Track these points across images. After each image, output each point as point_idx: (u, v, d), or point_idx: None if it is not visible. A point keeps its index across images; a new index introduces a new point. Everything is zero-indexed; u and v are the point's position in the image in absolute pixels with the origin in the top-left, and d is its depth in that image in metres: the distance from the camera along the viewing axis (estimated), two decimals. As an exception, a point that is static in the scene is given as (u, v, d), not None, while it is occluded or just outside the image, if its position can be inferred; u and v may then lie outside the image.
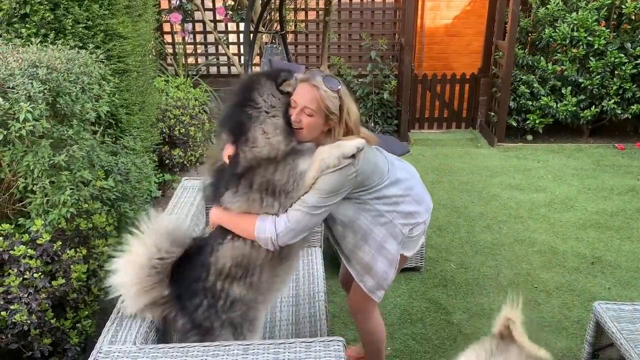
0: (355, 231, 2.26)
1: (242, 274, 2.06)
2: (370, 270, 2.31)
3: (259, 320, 2.19)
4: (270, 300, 2.25)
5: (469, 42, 7.60)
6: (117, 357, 1.83)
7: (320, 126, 2.06)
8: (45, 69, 2.40)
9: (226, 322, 2.07)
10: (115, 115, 3.37)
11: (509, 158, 6.10)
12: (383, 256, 2.28)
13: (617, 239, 4.31)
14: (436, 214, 4.72)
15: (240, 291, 2.06)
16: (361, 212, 2.23)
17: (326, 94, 2.01)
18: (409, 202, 2.29)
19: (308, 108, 2.01)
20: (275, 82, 2.03)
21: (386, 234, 2.26)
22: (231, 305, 2.06)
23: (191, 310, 2.05)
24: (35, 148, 2.34)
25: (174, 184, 4.71)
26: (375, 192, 2.21)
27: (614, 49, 6.07)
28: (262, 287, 2.11)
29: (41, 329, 2.23)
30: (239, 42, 7.05)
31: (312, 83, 2.02)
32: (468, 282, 3.75)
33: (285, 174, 1.99)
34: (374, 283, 2.33)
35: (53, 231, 2.39)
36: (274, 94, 2.02)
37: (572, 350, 3.08)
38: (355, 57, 7.08)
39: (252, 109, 1.99)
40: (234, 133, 2.02)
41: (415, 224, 2.31)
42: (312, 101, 2.00)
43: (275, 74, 2.07)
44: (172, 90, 5.53)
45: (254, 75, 2.13)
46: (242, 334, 2.10)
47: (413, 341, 3.17)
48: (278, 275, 2.15)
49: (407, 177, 2.33)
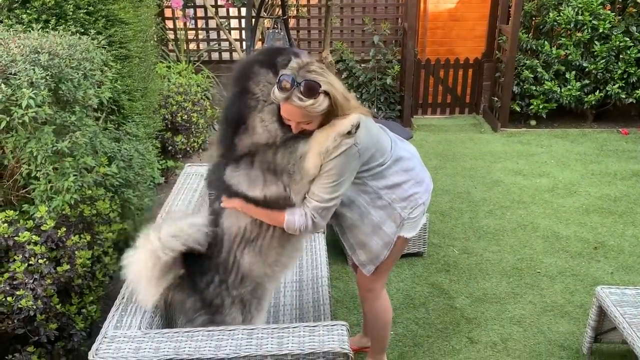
0: (353, 211, 2.27)
1: (255, 235, 2.10)
2: (364, 247, 2.35)
3: (266, 300, 2.25)
4: (277, 278, 2.27)
5: (473, 27, 7.52)
6: (122, 341, 1.85)
7: (320, 121, 2.03)
8: (47, 55, 2.39)
9: (236, 299, 2.13)
10: (118, 102, 3.36)
11: (512, 143, 6.08)
12: (379, 237, 2.30)
13: (621, 224, 4.30)
14: (439, 199, 4.72)
15: (250, 260, 2.10)
16: (360, 193, 2.24)
17: (313, 105, 1.93)
18: (409, 184, 2.29)
19: (303, 121, 1.99)
20: (273, 71, 2.00)
21: (384, 216, 2.27)
22: (241, 281, 2.11)
23: (202, 287, 2.10)
24: (38, 134, 2.34)
25: (177, 170, 4.71)
26: (377, 173, 2.21)
27: (619, 32, 6.01)
28: (270, 257, 2.14)
29: (47, 314, 2.25)
30: (240, 27, 7.00)
31: (294, 105, 1.93)
32: (471, 267, 3.76)
33: (286, 157, 2.02)
34: (366, 258, 2.37)
35: (57, 217, 2.40)
36: (269, 81, 2.00)
37: (574, 335, 3.09)
38: (358, 42, 7.03)
39: (250, 99, 2.00)
40: (234, 123, 2.03)
41: (416, 205, 2.31)
42: (304, 116, 1.97)
43: (270, 61, 2.03)
44: (174, 76, 5.50)
45: (247, 64, 2.08)
46: (249, 312, 2.15)
47: (416, 326, 3.18)
48: (286, 247, 2.17)
49: (409, 157, 2.33)
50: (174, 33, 6.80)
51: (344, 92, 2.05)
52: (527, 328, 3.16)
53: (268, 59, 2.04)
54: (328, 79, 1.98)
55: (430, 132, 6.53)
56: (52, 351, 2.34)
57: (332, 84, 1.98)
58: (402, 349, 3.00)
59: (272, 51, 2.13)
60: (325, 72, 2.00)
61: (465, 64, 6.85)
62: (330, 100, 1.97)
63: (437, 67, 6.86)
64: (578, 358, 2.93)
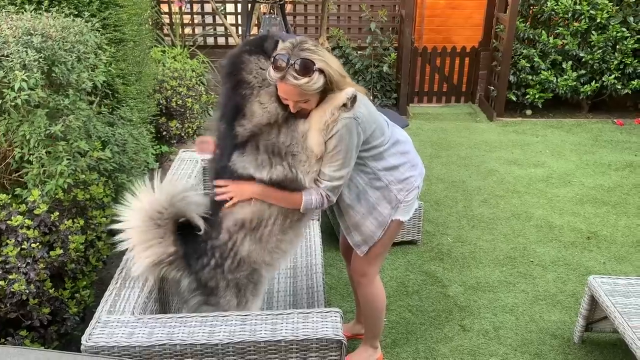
0: (351, 190, 2.29)
1: (256, 224, 2.11)
2: (359, 228, 2.37)
3: (263, 285, 2.24)
4: (275, 265, 2.27)
5: (470, 15, 7.49)
6: (116, 326, 1.85)
7: (317, 99, 2.05)
8: (40, 37, 2.35)
9: (232, 283, 2.13)
10: (112, 86, 3.33)
11: (507, 133, 6.09)
12: (374, 217, 2.33)
13: (614, 214, 4.32)
14: (434, 187, 4.73)
15: (249, 247, 2.10)
16: (359, 173, 2.26)
17: (308, 84, 1.95)
18: (406, 168, 2.34)
19: (300, 100, 2.01)
20: (263, 56, 2.01)
21: (380, 196, 2.31)
22: (238, 265, 2.11)
23: (197, 269, 2.10)
24: (31, 118, 2.31)
25: (172, 155, 4.69)
26: (377, 154, 2.23)
27: (617, 23, 6.00)
28: (270, 243, 2.14)
29: (40, 298, 2.24)
30: (236, 12, 6.93)
31: (289, 84, 1.94)
32: (464, 256, 3.77)
33: (289, 136, 2.04)
34: (360, 239, 2.40)
35: (50, 202, 2.38)
36: (262, 66, 2.01)
37: (566, 324, 3.12)
38: (354, 28, 6.98)
39: (245, 89, 2.01)
40: (232, 115, 2.04)
41: (411, 188, 2.35)
42: (301, 95, 1.99)
43: (257, 47, 2.04)
44: (169, 61, 5.46)
45: (235, 56, 2.07)
46: (244, 296, 2.14)
47: (409, 313, 3.20)
48: (287, 234, 2.18)
49: (404, 140, 2.39)
50: (170, 17, 6.72)
51: (340, 69, 2.06)
52: (519, 316, 3.18)
53: (255, 46, 2.06)
54: (322, 57, 1.99)
55: (426, 120, 6.52)
56: (44, 335, 2.33)
57: (326, 62, 1.99)
58: (395, 336, 3.01)
59: (256, 39, 2.14)
60: (319, 49, 2.01)
61: (462, 53, 6.83)
62: (326, 77, 1.98)
63: (434, 55, 6.83)
64: (569, 346, 2.95)
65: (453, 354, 2.89)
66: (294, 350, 1.81)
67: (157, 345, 1.78)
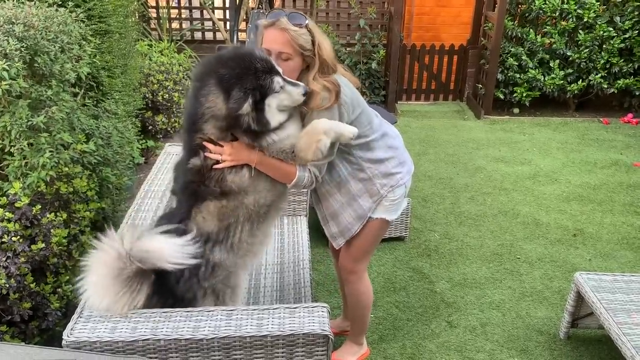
0: (332, 177, 2.27)
1: (224, 237, 2.01)
2: (336, 218, 2.35)
3: (240, 288, 2.16)
4: (249, 266, 2.22)
5: (458, 13, 7.50)
6: (98, 321, 1.81)
7: (299, 66, 2.05)
8: (22, 26, 2.31)
9: (208, 290, 2.04)
10: (97, 78, 3.28)
11: (495, 131, 6.11)
12: (353, 209, 2.31)
13: (599, 212, 4.35)
14: (421, 184, 4.72)
15: (220, 256, 2.02)
16: (342, 161, 2.24)
17: (296, 32, 1.98)
18: (393, 163, 2.31)
19: (284, 53, 1.99)
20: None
21: (362, 189, 2.28)
22: (212, 271, 2.02)
23: (172, 283, 1.98)
24: (12, 108, 2.26)
25: (157, 150, 4.64)
26: (364, 144, 2.21)
27: (603, 22, 6.04)
28: (241, 249, 2.07)
29: (20, 293, 2.19)
30: (224, 6, 6.89)
31: (279, 27, 1.98)
32: (452, 252, 3.77)
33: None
34: (337, 230, 2.38)
35: (32, 194, 2.34)
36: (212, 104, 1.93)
37: (552, 320, 3.13)
38: (343, 25, 6.96)
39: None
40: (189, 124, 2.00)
41: (396, 185, 2.32)
42: (286, 44, 1.98)
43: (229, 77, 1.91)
44: (156, 54, 5.40)
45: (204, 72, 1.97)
46: (224, 302, 2.07)
47: (396, 309, 3.19)
48: (257, 236, 2.11)
49: (394, 136, 2.37)
50: (157, 11, 6.65)
51: (330, 49, 2.08)
52: (506, 313, 3.18)
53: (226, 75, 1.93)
54: (315, 28, 2.05)
55: (413, 118, 6.52)
56: (25, 330, 2.28)
57: (317, 29, 2.05)
58: (382, 332, 3.00)
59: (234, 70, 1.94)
60: (315, 25, 2.06)
61: (450, 51, 6.83)
62: (312, 40, 2.01)
63: (422, 52, 6.83)
64: (555, 342, 2.96)
65: (440, 350, 2.89)
66: (280, 346, 1.79)
67: (140, 340, 1.74)
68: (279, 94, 1.93)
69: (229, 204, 2.00)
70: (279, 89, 1.92)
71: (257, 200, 2.04)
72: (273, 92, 1.92)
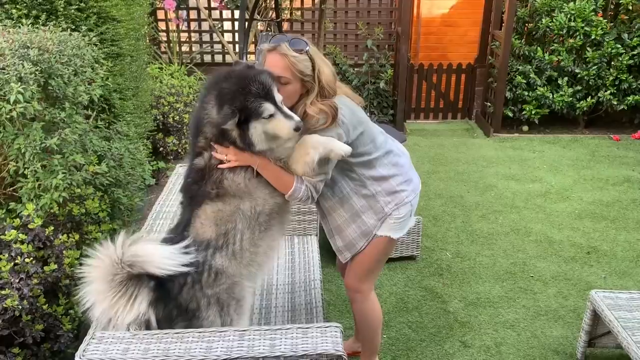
0: (334, 193, 2.27)
1: (223, 243, 2.02)
2: (341, 232, 2.35)
3: (246, 301, 2.13)
4: (255, 278, 2.19)
5: (465, 32, 7.54)
6: (111, 343, 1.80)
7: (298, 91, 2.07)
8: (37, 50, 2.35)
9: (212, 299, 2.01)
10: (109, 100, 3.32)
11: (504, 148, 6.09)
12: (357, 225, 2.30)
13: (613, 229, 4.30)
14: (432, 203, 4.70)
15: (222, 262, 2.02)
16: (344, 177, 2.25)
17: (296, 58, 2.00)
18: (397, 180, 2.31)
19: (283, 77, 2.02)
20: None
21: (366, 205, 2.28)
22: (215, 278, 2.01)
23: (176, 292, 1.97)
24: (26, 131, 2.29)
25: (168, 172, 4.66)
26: (366, 161, 2.22)
27: (611, 39, 6.05)
28: (244, 258, 2.06)
29: (33, 314, 2.19)
30: (233, 30, 6.98)
31: (280, 52, 2.01)
32: (464, 271, 3.73)
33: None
34: (342, 244, 2.37)
35: (45, 216, 2.35)
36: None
37: (568, 339, 3.07)
38: (351, 46, 7.02)
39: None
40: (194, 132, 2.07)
41: (401, 203, 2.30)
42: (285, 69, 2.01)
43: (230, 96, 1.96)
44: (166, 77, 5.46)
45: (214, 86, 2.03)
46: (228, 314, 2.04)
47: (409, 329, 3.15)
48: (260, 246, 2.10)
49: (399, 154, 2.37)
50: (167, 34, 6.75)
51: (330, 74, 2.10)
52: (521, 332, 3.13)
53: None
54: (316, 52, 2.07)
55: (423, 136, 6.52)
56: (37, 353, 2.28)
57: (319, 56, 2.07)
58: (395, 352, 2.96)
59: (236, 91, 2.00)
60: (316, 51, 2.08)
61: (458, 69, 6.86)
62: (314, 67, 2.03)
63: (430, 71, 6.86)
64: (572, 363, 2.91)
65: (454, 371, 2.84)
66: (293, 366, 1.77)
67: (152, 361, 1.73)
68: (268, 121, 1.95)
69: (225, 208, 2.02)
70: (267, 116, 1.94)
71: (253, 207, 2.05)
72: (260, 117, 1.94)
